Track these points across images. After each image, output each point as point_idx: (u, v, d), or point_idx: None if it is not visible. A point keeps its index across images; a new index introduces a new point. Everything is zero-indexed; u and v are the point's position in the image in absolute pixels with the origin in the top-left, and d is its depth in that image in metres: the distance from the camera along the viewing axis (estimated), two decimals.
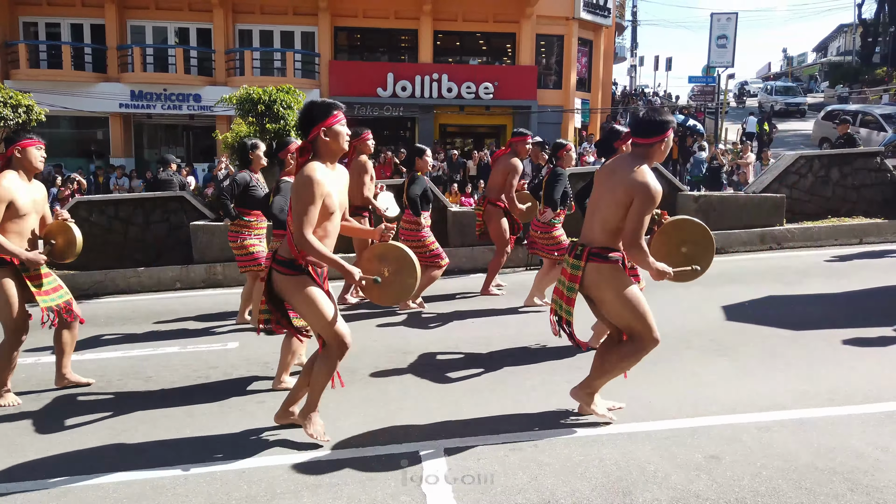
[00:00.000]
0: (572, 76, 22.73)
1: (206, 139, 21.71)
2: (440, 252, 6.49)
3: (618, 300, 3.41)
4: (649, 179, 3.26)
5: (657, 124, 3.36)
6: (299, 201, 3.21)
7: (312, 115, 3.33)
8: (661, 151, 3.41)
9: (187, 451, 3.53)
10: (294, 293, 3.38)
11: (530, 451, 3.33)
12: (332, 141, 3.34)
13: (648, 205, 3.25)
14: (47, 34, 21.03)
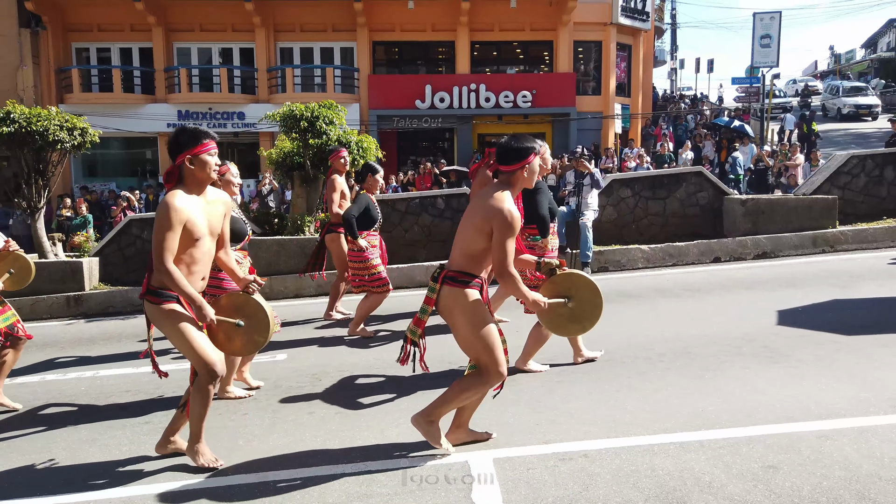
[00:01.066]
0: (611, 82, 22.55)
1: (250, 156, 22.20)
2: (382, 277, 6.17)
3: (468, 327, 3.35)
4: (506, 205, 3.26)
5: (518, 151, 3.38)
6: (158, 229, 3.25)
7: (180, 142, 3.35)
8: (524, 178, 3.41)
9: (239, 461, 3.59)
10: (162, 322, 3.40)
11: (581, 460, 3.30)
12: (198, 169, 3.34)
13: (506, 230, 3.24)
14: (98, 59, 21.85)
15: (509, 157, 3.39)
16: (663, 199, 9.97)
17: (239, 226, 4.77)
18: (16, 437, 4.20)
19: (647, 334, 5.68)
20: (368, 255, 6.13)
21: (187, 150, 3.32)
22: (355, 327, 6.21)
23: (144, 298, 3.44)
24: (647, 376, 4.60)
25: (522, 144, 3.40)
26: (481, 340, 3.34)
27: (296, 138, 9.36)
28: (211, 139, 3.40)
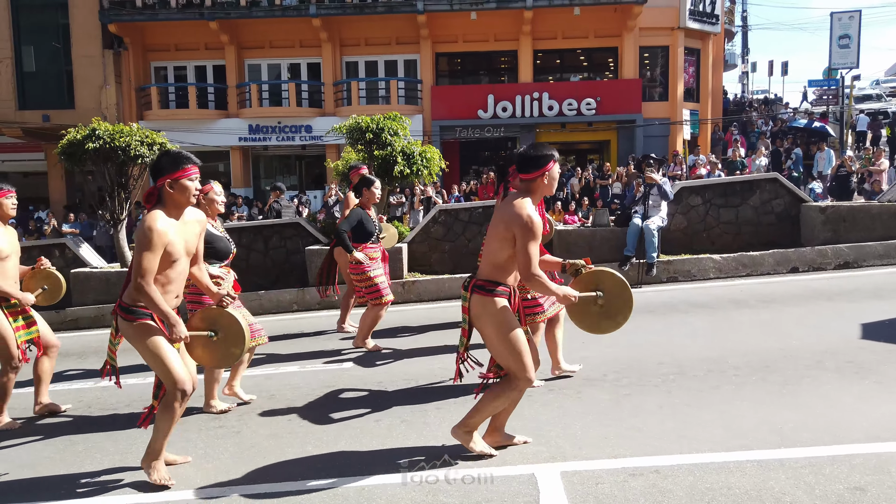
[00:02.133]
0: (679, 87, 22.01)
1: (317, 167, 22.75)
2: (381, 289, 6.19)
3: (496, 334, 3.43)
4: (526, 211, 3.32)
5: (537, 159, 3.43)
6: (139, 250, 3.31)
7: (161, 165, 3.43)
8: (544, 185, 3.47)
9: (308, 467, 3.65)
10: (135, 339, 3.46)
11: (652, 476, 3.20)
12: (177, 193, 3.43)
13: (528, 235, 3.29)
14: (175, 77, 22.87)
15: (529, 166, 3.44)
16: (736, 206, 9.63)
17: (223, 244, 4.88)
18: (94, 439, 4.40)
19: (720, 347, 5.48)
20: (366, 268, 6.17)
21: (168, 174, 3.41)
22: (360, 341, 6.26)
23: (117, 314, 3.52)
24: (721, 390, 4.43)
25: (541, 152, 3.45)
26: (509, 347, 3.42)
27: (361, 150, 9.52)
28: (193, 164, 3.49)
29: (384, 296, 6.22)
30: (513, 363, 3.43)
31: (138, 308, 3.44)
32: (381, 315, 6.28)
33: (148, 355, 3.46)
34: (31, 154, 21.98)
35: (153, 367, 3.50)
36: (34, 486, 3.68)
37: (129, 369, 5.67)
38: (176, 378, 3.44)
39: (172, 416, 3.49)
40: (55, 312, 8.72)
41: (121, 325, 3.53)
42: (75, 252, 9.35)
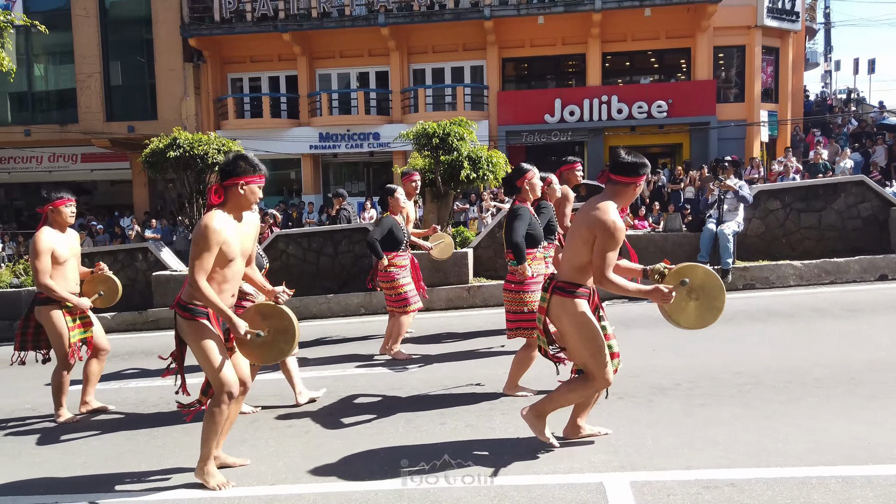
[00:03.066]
0: (756, 88, 21.18)
1: (384, 174, 23.06)
2: (408, 298, 6.18)
3: (575, 335, 3.52)
4: (611, 216, 3.34)
5: (636, 166, 3.46)
6: (195, 248, 3.38)
7: (237, 167, 3.50)
8: (632, 193, 3.50)
9: (376, 467, 3.69)
10: (189, 336, 3.53)
11: (727, 490, 3.07)
12: (244, 197, 3.52)
13: (609, 241, 3.33)
14: (250, 87, 23.70)
15: (626, 170, 3.46)
16: (818, 211, 9.17)
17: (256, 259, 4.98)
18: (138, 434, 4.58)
19: (801, 357, 5.23)
20: (396, 276, 6.19)
21: (243, 176, 3.50)
22: (385, 348, 6.28)
23: (175, 311, 3.61)
24: (803, 402, 4.22)
25: (641, 160, 3.48)
26: (588, 347, 3.51)
27: (428, 155, 9.59)
28: (262, 174, 3.61)
29: (410, 305, 6.25)
30: (591, 363, 3.53)
31: (196, 306, 3.54)
32: (408, 322, 6.33)
33: (200, 354, 3.55)
34: (118, 163, 23.22)
35: (203, 366, 3.59)
36: (119, 478, 3.86)
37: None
38: (224, 380, 3.52)
39: (220, 417, 3.55)
40: (138, 313, 9.17)
41: (178, 322, 3.64)
42: (156, 255, 9.80)
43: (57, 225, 5.04)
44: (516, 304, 4.74)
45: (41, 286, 4.86)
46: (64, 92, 22.92)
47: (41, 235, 4.91)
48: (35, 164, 23.57)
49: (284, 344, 3.67)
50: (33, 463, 4.21)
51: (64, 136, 22.15)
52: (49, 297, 4.93)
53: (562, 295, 3.54)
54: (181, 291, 3.66)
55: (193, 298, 3.53)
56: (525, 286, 4.71)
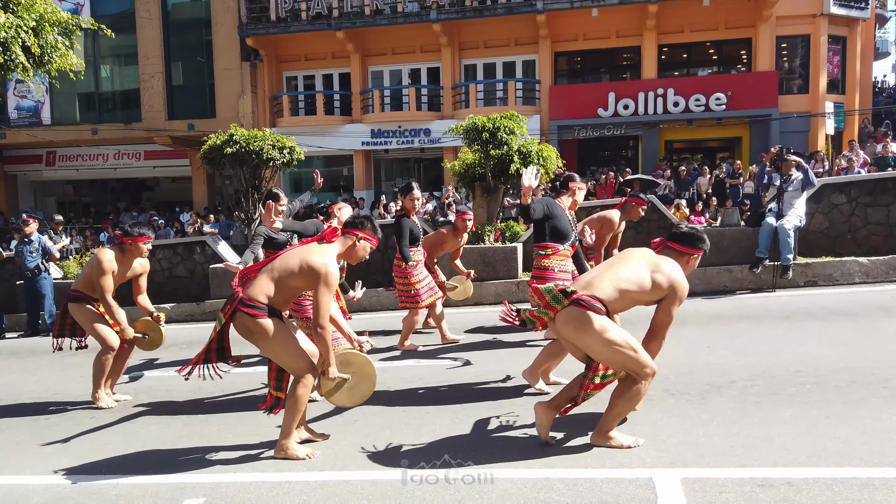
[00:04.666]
0: (821, 79, 20.34)
1: (434, 170, 23.14)
2: (420, 294, 6.30)
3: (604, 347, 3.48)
4: (684, 283, 3.59)
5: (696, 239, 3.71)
6: (328, 290, 3.65)
7: (364, 225, 3.90)
8: (688, 266, 3.71)
9: (422, 456, 3.70)
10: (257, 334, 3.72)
11: (784, 489, 2.96)
12: (356, 250, 3.89)
13: (676, 302, 3.56)
14: (304, 85, 24.12)
15: (685, 241, 3.72)
16: (887, 206, 8.76)
17: None
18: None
19: (865, 357, 5.00)
20: (411, 273, 6.30)
21: (362, 231, 3.87)
22: (402, 343, 6.42)
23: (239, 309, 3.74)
24: (866, 403, 4.04)
25: (701, 237, 3.74)
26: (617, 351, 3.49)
27: (478, 150, 9.57)
28: (378, 238, 3.95)
29: (420, 301, 6.34)
30: (631, 364, 3.51)
31: (262, 304, 3.70)
32: (419, 319, 6.44)
33: (276, 348, 3.73)
34: (178, 160, 23.99)
35: (281, 358, 3.76)
36: (176, 461, 3.99)
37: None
38: (305, 366, 3.75)
39: (305, 399, 3.80)
40: (195, 304, 9.46)
41: (244, 321, 3.73)
42: (214, 249, 10.08)
43: (129, 255, 5.32)
44: None
45: (105, 303, 5.20)
46: (128, 92, 23.81)
47: (107, 257, 5.21)
48: (101, 161, 24.56)
49: (367, 389, 3.98)
50: (96, 445, 4.40)
51: (128, 134, 23.02)
52: (82, 297, 5.28)
53: (584, 307, 3.48)
54: (244, 290, 3.78)
55: (259, 297, 3.70)
56: (548, 281, 4.74)
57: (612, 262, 3.76)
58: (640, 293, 3.55)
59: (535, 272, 4.99)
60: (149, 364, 6.69)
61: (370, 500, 3.22)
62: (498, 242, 9.51)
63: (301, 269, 3.67)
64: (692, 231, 3.76)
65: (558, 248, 4.94)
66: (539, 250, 4.97)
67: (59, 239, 12.23)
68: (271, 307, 3.73)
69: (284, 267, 3.74)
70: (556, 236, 4.96)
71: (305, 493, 3.36)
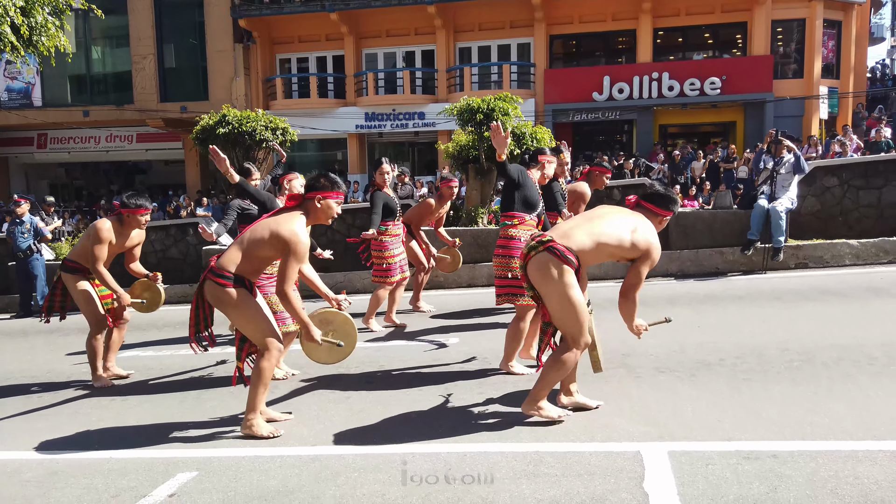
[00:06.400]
0: (816, 63, 20.31)
1: (429, 153, 23.09)
2: (392, 270, 6.39)
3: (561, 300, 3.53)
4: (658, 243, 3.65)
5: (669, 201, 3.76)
6: (290, 257, 3.61)
7: (319, 183, 3.78)
8: (659, 226, 3.75)
9: (414, 431, 3.74)
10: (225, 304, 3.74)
11: (769, 461, 3.01)
12: (322, 211, 3.78)
13: (648, 265, 3.63)
14: (297, 68, 23.95)
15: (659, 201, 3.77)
16: (878, 188, 8.80)
17: None
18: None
19: (854, 335, 5.06)
20: (387, 245, 6.39)
21: (322, 191, 3.77)
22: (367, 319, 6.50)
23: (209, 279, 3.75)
24: (854, 380, 4.09)
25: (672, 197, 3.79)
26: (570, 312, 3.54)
27: (471, 131, 9.54)
28: (343, 192, 3.87)
29: (390, 277, 6.41)
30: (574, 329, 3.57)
31: (231, 274, 3.71)
32: (384, 296, 6.50)
33: (241, 319, 3.76)
34: (171, 143, 23.85)
35: (247, 329, 3.78)
36: (169, 435, 4.01)
37: None
38: (272, 338, 3.75)
39: (269, 373, 3.78)
40: (189, 286, 9.45)
41: (211, 289, 3.76)
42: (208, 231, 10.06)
43: (127, 227, 5.27)
44: (502, 269, 4.73)
45: (95, 272, 5.12)
46: (120, 74, 23.61)
47: (105, 226, 5.15)
48: (93, 143, 24.40)
49: (348, 346, 3.97)
50: (89, 421, 4.41)
51: (120, 116, 22.86)
52: (78, 268, 5.21)
53: (558, 257, 3.51)
54: (214, 260, 3.80)
55: (228, 266, 3.70)
56: (512, 251, 4.65)
57: (591, 216, 3.76)
58: (618, 249, 3.60)
59: (501, 241, 4.80)
60: (143, 343, 6.70)
61: (361, 473, 3.25)
62: (491, 224, 9.52)
63: (270, 238, 3.67)
64: (666, 192, 3.80)
65: (525, 217, 4.82)
66: (505, 220, 4.85)
67: (50, 220, 12.17)
68: (239, 276, 3.74)
69: (253, 238, 3.74)
70: (524, 205, 4.83)
71: (297, 467, 3.39)
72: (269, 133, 9.55)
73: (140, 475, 3.43)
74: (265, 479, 3.26)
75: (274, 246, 3.67)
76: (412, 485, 3.07)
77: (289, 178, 5.50)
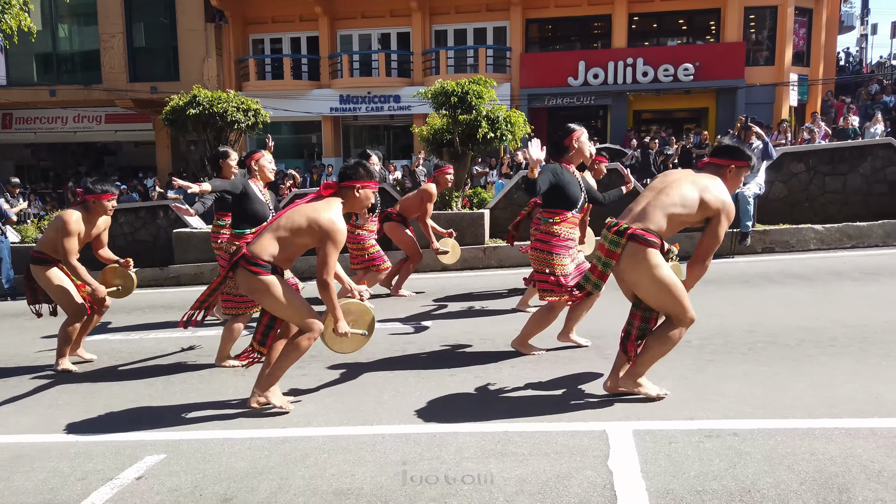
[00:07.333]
0: (787, 51, 20.57)
1: (405, 137, 22.97)
2: (380, 256, 6.54)
3: (653, 284, 3.49)
4: (731, 200, 3.54)
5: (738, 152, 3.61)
6: (331, 245, 3.60)
7: (358, 173, 3.77)
8: (728, 180, 3.60)
9: (384, 413, 3.77)
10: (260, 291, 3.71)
11: (730, 439, 3.09)
12: (359, 200, 3.80)
13: (726, 223, 3.51)
14: (271, 49, 23.60)
15: (725, 152, 3.63)
16: (844, 174, 8.98)
17: (262, 208, 5.10)
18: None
19: (817, 317, 5.19)
20: (364, 237, 6.51)
21: (359, 181, 3.76)
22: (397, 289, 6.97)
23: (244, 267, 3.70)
24: (816, 360, 4.20)
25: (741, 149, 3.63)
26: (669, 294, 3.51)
27: (446, 115, 9.51)
28: (377, 182, 3.87)
29: (384, 262, 6.55)
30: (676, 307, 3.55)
31: (266, 262, 3.68)
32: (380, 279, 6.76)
33: (278, 304, 3.71)
34: (141, 124, 23.40)
35: (285, 314, 3.75)
36: (138, 419, 3.99)
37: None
38: (312, 320, 3.74)
39: (303, 353, 3.80)
40: (159, 269, 9.34)
41: (246, 278, 3.71)
42: (177, 214, 9.93)
43: (94, 214, 5.15)
44: (541, 265, 4.51)
45: (69, 266, 5.03)
46: (88, 53, 23.04)
47: (73, 218, 5.03)
48: (60, 124, 23.85)
49: (365, 337, 3.96)
50: (55, 405, 4.36)
51: (88, 96, 22.33)
52: (46, 259, 5.11)
53: (642, 243, 3.46)
54: (248, 247, 3.75)
55: (262, 255, 3.67)
56: (553, 248, 4.48)
57: (657, 188, 3.65)
58: (689, 216, 3.51)
59: (540, 236, 4.57)
60: (112, 328, 6.61)
61: (330, 454, 3.26)
62: (465, 209, 9.53)
63: (309, 226, 3.63)
64: (735, 144, 3.67)
65: (567, 214, 4.55)
66: (547, 216, 4.59)
67: (16, 202, 11.88)
68: (273, 265, 3.71)
69: (290, 225, 3.69)
70: (566, 202, 4.53)
71: (267, 449, 3.39)
72: (241, 115, 9.42)
73: (107, 458, 3.40)
74: (234, 461, 3.26)
75: (312, 234, 3.64)
76: (382, 465, 3.10)
77: (256, 158, 5.27)
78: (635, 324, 3.68)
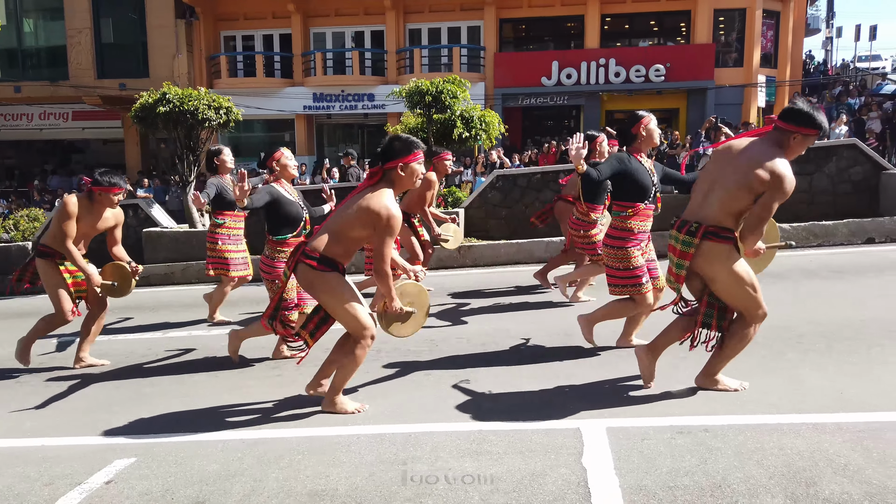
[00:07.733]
0: (755, 52, 20.95)
1: (379, 136, 22.88)
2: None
3: (730, 278, 3.46)
4: (789, 169, 3.31)
5: (808, 118, 3.33)
6: (386, 235, 3.47)
7: (394, 150, 3.52)
8: (790, 149, 3.39)
9: (359, 414, 3.75)
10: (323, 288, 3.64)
11: (701, 435, 3.14)
12: (406, 178, 3.57)
13: (780, 196, 3.30)
14: (243, 46, 23.33)
15: (802, 120, 3.36)
16: (810, 174, 9.18)
17: (295, 209, 4.94)
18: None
19: (785, 315, 5.27)
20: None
21: (401, 157, 3.52)
22: None
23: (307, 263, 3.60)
24: (785, 357, 4.29)
25: (818, 116, 3.36)
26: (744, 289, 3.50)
27: (420, 114, 9.52)
28: (421, 150, 3.58)
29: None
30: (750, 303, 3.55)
31: (331, 259, 3.59)
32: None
33: (336, 305, 3.61)
34: (110, 122, 22.97)
35: (339, 315, 3.64)
36: (109, 422, 3.92)
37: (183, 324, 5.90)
38: (367, 324, 3.63)
39: (363, 358, 3.71)
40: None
41: (305, 273, 3.62)
42: (147, 213, 9.77)
43: (98, 205, 5.02)
44: (614, 261, 4.36)
45: (65, 250, 4.90)
46: (54, 48, 22.55)
47: (72, 201, 4.92)
48: (26, 121, 23.32)
49: (422, 317, 3.89)
50: (22, 409, 4.26)
51: (55, 92, 21.86)
52: (50, 252, 4.97)
53: (714, 241, 3.41)
54: (308, 244, 3.64)
55: (329, 253, 3.57)
56: (628, 243, 4.31)
57: (712, 176, 3.51)
58: (746, 201, 3.36)
59: (613, 232, 4.36)
60: None
61: (305, 455, 3.24)
62: (440, 208, 9.53)
63: (361, 217, 3.50)
64: (806, 109, 3.36)
65: (639, 206, 4.31)
66: (618, 209, 4.34)
67: None
68: (332, 260, 3.61)
69: (344, 219, 3.58)
70: (636, 193, 4.29)
71: (240, 451, 3.36)
72: (213, 112, 9.30)
73: (75, 462, 3.34)
74: (206, 464, 3.22)
75: (365, 224, 3.50)
76: (357, 465, 3.09)
77: (276, 158, 5.07)
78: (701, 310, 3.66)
